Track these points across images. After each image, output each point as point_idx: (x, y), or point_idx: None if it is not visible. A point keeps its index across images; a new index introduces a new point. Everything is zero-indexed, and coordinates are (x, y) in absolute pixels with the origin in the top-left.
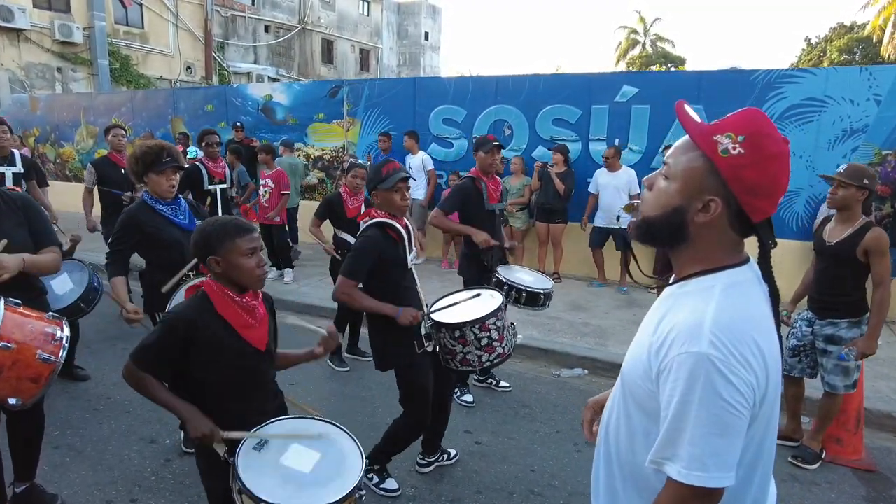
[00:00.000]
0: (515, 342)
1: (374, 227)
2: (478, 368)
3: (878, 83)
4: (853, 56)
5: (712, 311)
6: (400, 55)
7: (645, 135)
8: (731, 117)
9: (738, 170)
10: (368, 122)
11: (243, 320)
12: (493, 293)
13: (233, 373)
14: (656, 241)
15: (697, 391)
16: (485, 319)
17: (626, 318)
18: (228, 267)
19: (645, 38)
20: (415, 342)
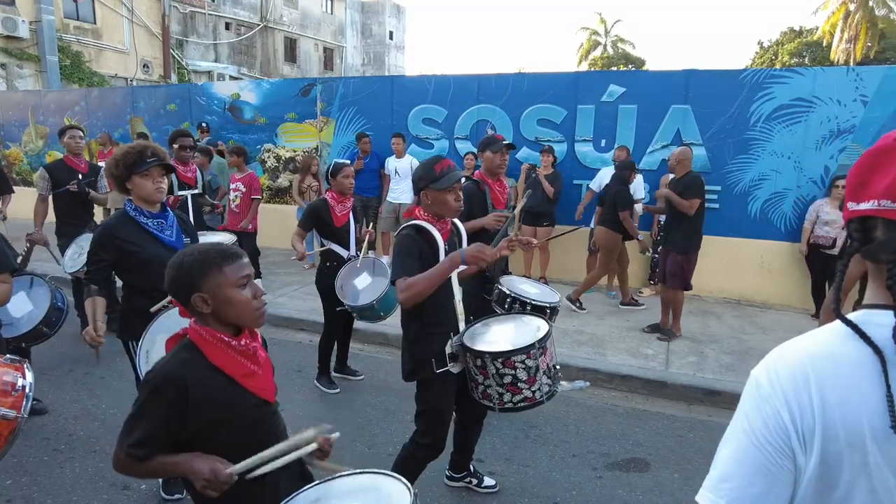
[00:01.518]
0: (557, 389)
1: (411, 228)
2: (497, 407)
3: (864, 84)
4: (803, 59)
5: (791, 343)
6: (364, 54)
7: (632, 135)
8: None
9: None
10: (343, 121)
11: (244, 368)
12: (541, 325)
13: (240, 436)
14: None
15: (737, 411)
16: (510, 355)
17: (620, 324)
18: (219, 304)
19: (606, 40)
20: (433, 360)
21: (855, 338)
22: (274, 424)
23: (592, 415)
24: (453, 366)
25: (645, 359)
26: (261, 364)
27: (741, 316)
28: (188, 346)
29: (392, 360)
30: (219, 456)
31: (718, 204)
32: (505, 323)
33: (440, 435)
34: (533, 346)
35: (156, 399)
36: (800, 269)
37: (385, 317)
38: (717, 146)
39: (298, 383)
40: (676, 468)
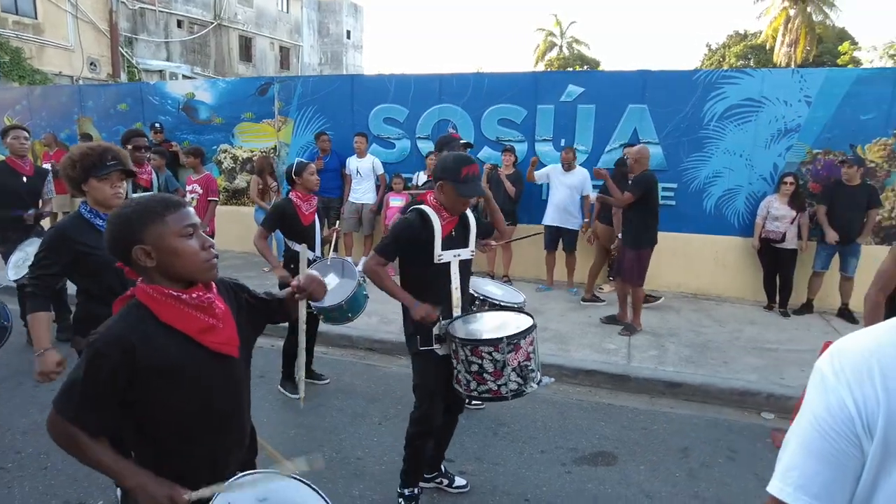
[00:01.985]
0: (526, 389)
1: (416, 213)
2: (464, 394)
3: (808, 85)
4: (748, 61)
5: (856, 334)
6: (322, 53)
7: (591, 134)
8: None
9: None
10: (302, 121)
11: (200, 322)
12: (521, 324)
13: (199, 398)
14: None
15: (804, 401)
16: (477, 344)
17: (582, 320)
18: (163, 256)
19: (562, 41)
20: (418, 336)
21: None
22: (239, 381)
23: (559, 410)
24: (438, 347)
25: (607, 353)
26: (219, 317)
27: (698, 310)
28: (135, 305)
29: (357, 363)
30: (175, 431)
31: (675, 201)
32: (495, 317)
33: (426, 410)
34: (501, 340)
35: (99, 363)
36: (752, 262)
37: (353, 318)
38: (673, 145)
39: (262, 389)
40: (642, 460)
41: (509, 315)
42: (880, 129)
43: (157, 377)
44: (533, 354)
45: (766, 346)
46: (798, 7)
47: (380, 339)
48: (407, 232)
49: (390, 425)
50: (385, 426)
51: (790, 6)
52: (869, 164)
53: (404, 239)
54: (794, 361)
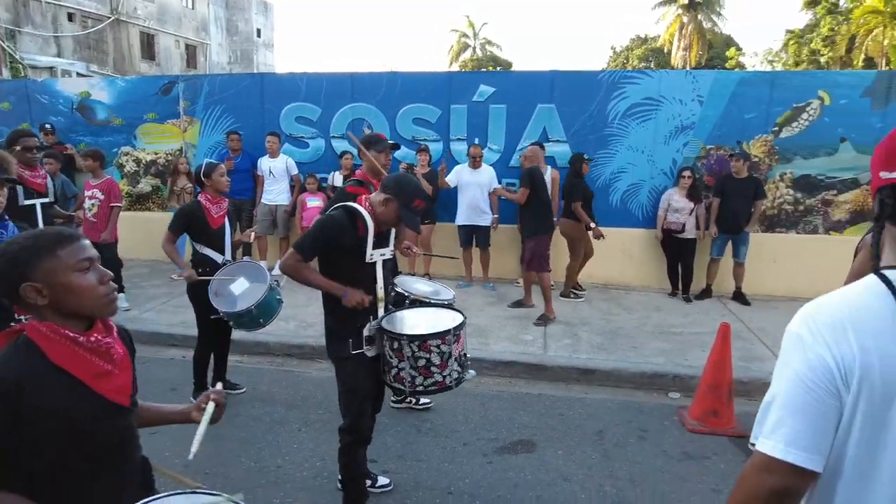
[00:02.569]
0: (466, 376)
1: (344, 211)
2: (408, 390)
3: (700, 85)
4: (649, 63)
5: (826, 297)
6: (231, 52)
7: (503, 134)
8: None
9: None
10: (210, 121)
11: (95, 367)
12: (457, 316)
13: (89, 447)
14: None
15: (780, 364)
16: (426, 338)
17: (500, 314)
18: (56, 293)
19: (475, 42)
20: (350, 340)
21: (885, 294)
22: (130, 435)
23: (480, 403)
24: (369, 349)
25: (525, 345)
26: (116, 362)
27: (608, 299)
28: (25, 343)
29: (275, 370)
30: (60, 480)
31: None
32: (424, 313)
33: (357, 417)
34: (449, 331)
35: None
36: (657, 252)
37: (265, 324)
38: (580, 142)
39: (174, 402)
40: (559, 444)
41: (430, 310)
42: (761, 127)
43: (46, 425)
44: (466, 343)
45: (671, 331)
46: (690, 14)
47: (298, 344)
48: (334, 230)
49: (311, 431)
50: (305, 432)
51: (684, 13)
52: (754, 158)
53: (329, 237)
54: (697, 343)
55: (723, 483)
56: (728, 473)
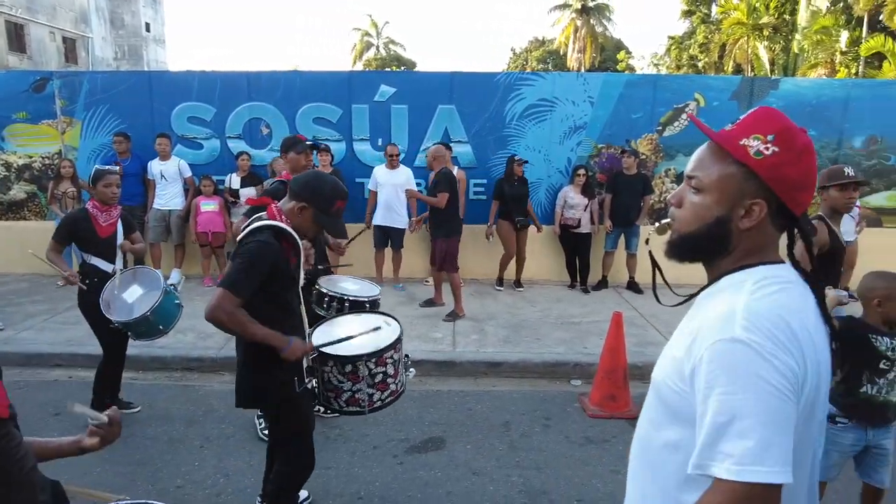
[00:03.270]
0: (410, 375)
1: (269, 232)
2: (367, 409)
3: (590, 87)
4: (547, 65)
5: (744, 300)
6: (117, 47)
7: (406, 134)
8: (747, 119)
9: (778, 168)
10: (92, 122)
11: None
12: (389, 320)
13: None
14: (699, 254)
15: (740, 378)
16: (383, 352)
17: (411, 313)
18: None
19: (378, 41)
20: (295, 378)
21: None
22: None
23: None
24: (310, 381)
25: (435, 342)
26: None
27: (512, 294)
28: None
29: (173, 386)
30: None
31: (486, 195)
32: (345, 324)
33: (309, 454)
34: (399, 339)
35: None
36: (556, 247)
37: (166, 330)
38: (481, 143)
39: (58, 428)
40: (468, 439)
41: (345, 321)
42: (647, 126)
43: None
44: None
45: (571, 321)
46: (583, 19)
47: (197, 357)
48: (267, 258)
49: (213, 447)
50: (207, 448)
51: (577, 18)
52: (642, 156)
53: (264, 267)
54: (595, 331)
55: (621, 464)
56: (625, 454)
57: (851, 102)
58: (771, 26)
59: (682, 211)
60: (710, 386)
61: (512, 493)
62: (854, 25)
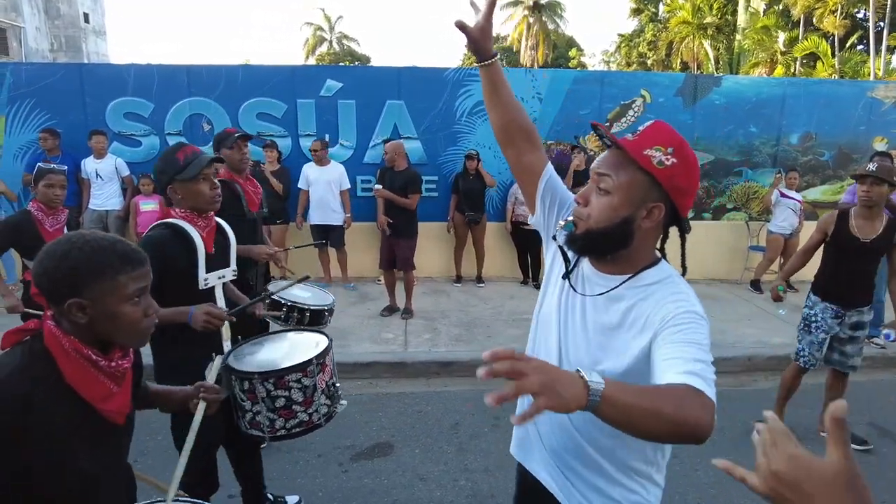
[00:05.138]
0: (337, 409)
1: (161, 228)
2: (268, 437)
3: (539, 84)
4: (501, 61)
5: (691, 290)
6: (53, 38)
7: (354, 129)
8: (648, 132)
9: (674, 178)
10: (17, 117)
11: (104, 390)
12: (320, 340)
13: (84, 470)
14: (603, 249)
15: (704, 335)
16: (283, 374)
17: (362, 313)
18: (100, 317)
19: (331, 36)
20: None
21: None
22: (122, 452)
23: None
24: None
25: (386, 343)
26: (123, 384)
27: (466, 291)
28: (40, 353)
29: None
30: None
31: (437, 192)
32: (279, 341)
33: (208, 471)
34: (310, 362)
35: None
36: (507, 244)
37: None
38: (430, 139)
39: None
40: (417, 443)
41: (287, 336)
42: (595, 120)
43: (48, 448)
44: (334, 369)
45: (523, 317)
46: (535, 16)
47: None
48: (155, 258)
49: (147, 460)
50: (141, 462)
51: (529, 14)
52: (590, 152)
53: (160, 261)
54: None
55: None
56: None
57: (788, 100)
58: (714, 26)
59: (589, 209)
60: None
61: (459, 499)
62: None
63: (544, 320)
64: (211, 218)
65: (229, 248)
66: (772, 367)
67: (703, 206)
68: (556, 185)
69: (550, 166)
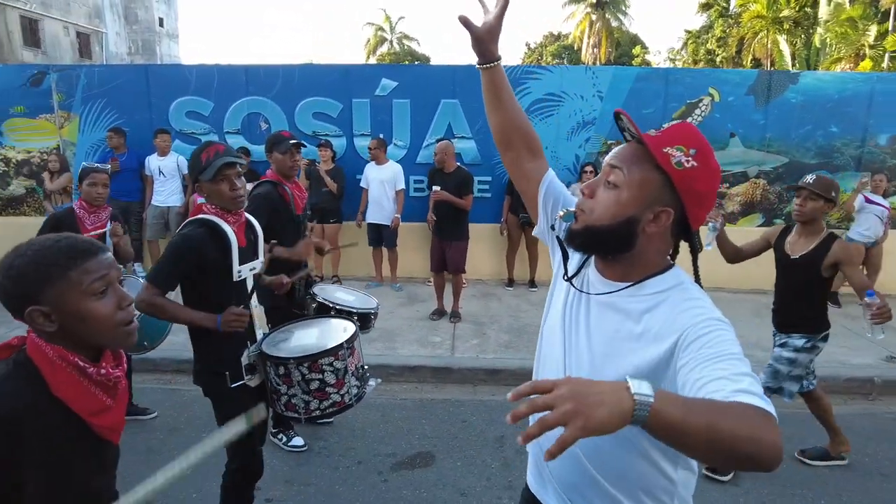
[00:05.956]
0: (366, 390)
1: (196, 224)
2: (303, 418)
3: (599, 81)
4: (562, 60)
5: (705, 296)
6: (131, 42)
7: (408, 129)
8: (672, 130)
9: (692, 182)
10: (90, 116)
11: (96, 403)
12: (347, 325)
13: (74, 489)
14: (602, 248)
15: (734, 341)
16: (316, 357)
17: (410, 315)
18: (67, 320)
19: (392, 36)
20: (227, 373)
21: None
22: (112, 465)
23: (381, 414)
24: (250, 378)
25: (433, 347)
26: (118, 396)
27: (517, 295)
28: (24, 365)
29: (159, 390)
30: None
31: (490, 194)
32: (308, 328)
33: (248, 457)
34: (341, 346)
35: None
36: None
37: (150, 346)
38: (485, 139)
39: None
40: (459, 455)
41: (319, 323)
42: (659, 122)
43: (38, 466)
44: (361, 353)
45: None
46: (598, 13)
47: (188, 359)
48: (193, 251)
49: None
50: None
51: (592, 12)
52: None
53: (189, 259)
54: None
55: None
56: None
57: (876, 97)
58: (791, 20)
59: (594, 203)
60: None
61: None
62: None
63: (549, 331)
64: (241, 213)
65: (258, 241)
66: (853, 391)
67: (776, 212)
68: (558, 190)
69: (552, 172)
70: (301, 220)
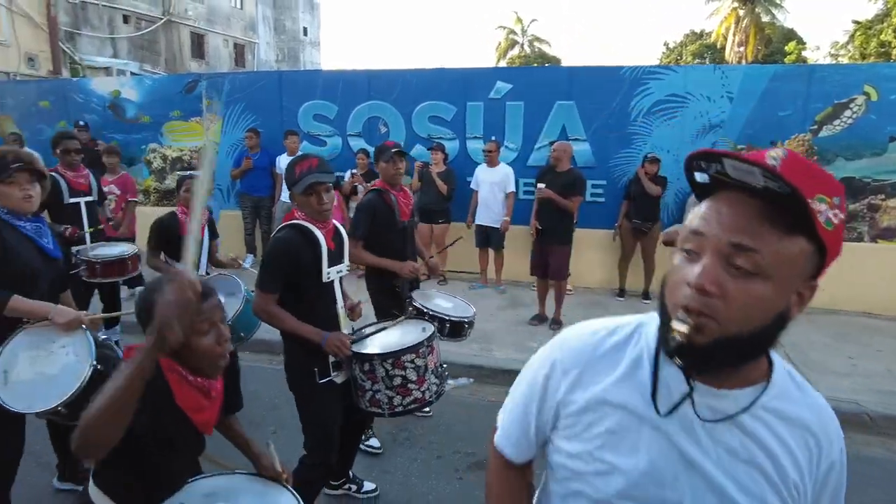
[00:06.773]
0: (445, 388)
1: (289, 229)
2: (387, 413)
3: (729, 81)
4: (704, 59)
5: (816, 394)
6: (278, 50)
7: (520, 132)
8: (799, 166)
9: (837, 244)
10: (231, 118)
11: (195, 402)
12: (427, 326)
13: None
14: (734, 361)
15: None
16: (399, 354)
17: (510, 318)
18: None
19: (523, 39)
20: (315, 370)
21: None
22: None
23: (467, 412)
24: (337, 375)
25: (530, 352)
26: (213, 398)
27: (628, 306)
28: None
29: (268, 369)
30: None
31: (604, 198)
32: (390, 328)
33: (327, 451)
34: (422, 343)
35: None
36: None
37: (246, 338)
38: (601, 141)
39: None
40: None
41: (398, 324)
42: (797, 125)
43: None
44: (439, 352)
45: None
46: (747, 8)
47: None
48: (290, 256)
49: (285, 433)
50: (281, 435)
51: (739, 6)
52: None
53: (288, 263)
54: None
55: None
56: None
57: None
58: None
59: (725, 304)
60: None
61: None
62: None
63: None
64: (329, 222)
65: (343, 245)
66: None
67: None
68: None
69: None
70: (407, 226)
